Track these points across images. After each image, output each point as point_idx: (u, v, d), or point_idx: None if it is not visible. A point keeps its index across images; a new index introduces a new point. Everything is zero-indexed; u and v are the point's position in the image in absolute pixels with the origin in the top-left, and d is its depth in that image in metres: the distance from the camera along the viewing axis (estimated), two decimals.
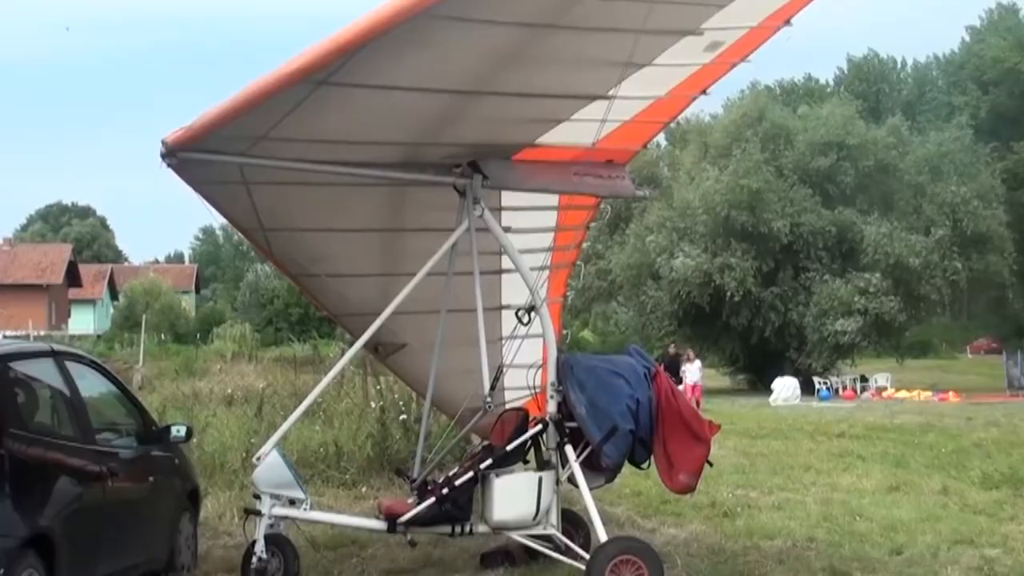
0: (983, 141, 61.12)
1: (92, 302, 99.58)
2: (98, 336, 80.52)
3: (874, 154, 54.02)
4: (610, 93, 9.90)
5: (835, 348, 50.81)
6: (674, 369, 36.01)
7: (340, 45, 7.81)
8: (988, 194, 54.07)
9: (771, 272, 51.63)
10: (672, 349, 42.46)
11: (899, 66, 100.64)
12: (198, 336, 74.54)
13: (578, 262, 14.81)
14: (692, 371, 39.11)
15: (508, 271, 11.95)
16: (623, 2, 8.35)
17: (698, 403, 34.04)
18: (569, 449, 10.38)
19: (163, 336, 76.60)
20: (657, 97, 10.62)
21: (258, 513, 10.11)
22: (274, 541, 10.11)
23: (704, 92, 10.87)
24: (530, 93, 9.89)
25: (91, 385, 9.55)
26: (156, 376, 37.95)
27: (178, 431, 10.25)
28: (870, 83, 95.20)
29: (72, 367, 9.02)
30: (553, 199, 12.12)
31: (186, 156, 8.91)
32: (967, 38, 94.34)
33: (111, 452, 9.04)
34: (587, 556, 9.99)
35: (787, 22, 9.49)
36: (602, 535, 9.98)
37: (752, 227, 50.14)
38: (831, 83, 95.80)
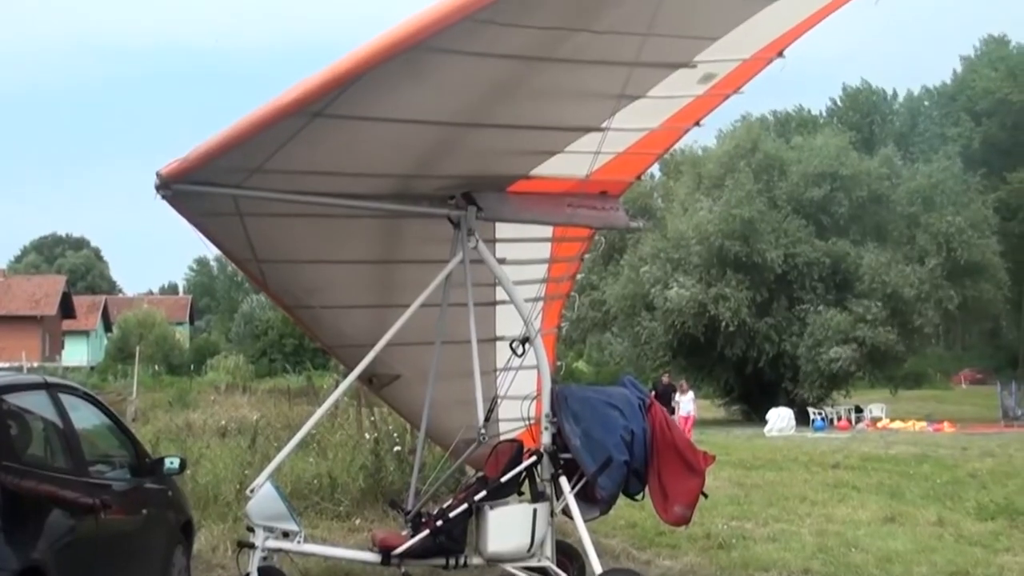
0: (976, 171, 61.32)
1: (86, 333, 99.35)
2: (92, 368, 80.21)
3: (867, 185, 54.22)
4: (604, 125, 9.93)
5: (829, 377, 50.80)
6: (666, 399, 35.86)
7: (335, 77, 7.83)
8: (981, 224, 54.24)
9: (765, 302, 51.67)
10: (665, 379, 42.43)
11: (891, 97, 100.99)
12: (192, 367, 74.40)
13: (573, 293, 14.81)
14: (685, 402, 39.03)
15: (502, 302, 11.95)
16: (616, 35, 8.38)
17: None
18: (564, 480, 10.36)
19: (157, 367, 76.44)
20: (651, 129, 10.66)
21: (251, 546, 10.07)
22: (268, 574, 10.06)
23: (697, 124, 10.92)
24: (524, 125, 9.92)
25: (84, 417, 9.51)
26: (150, 408, 37.86)
27: (171, 463, 10.20)
28: (863, 114, 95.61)
29: (65, 399, 8.97)
30: (547, 231, 12.15)
31: (181, 188, 8.92)
32: (959, 69, 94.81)
33: (104, 484, 8.99)
34: None
35: (780, 54, 9.56)
36: (597, 567, 9.96)
37: (746, 257, 50.22)
38: (824, 114, 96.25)
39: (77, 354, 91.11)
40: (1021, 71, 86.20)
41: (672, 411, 35.25)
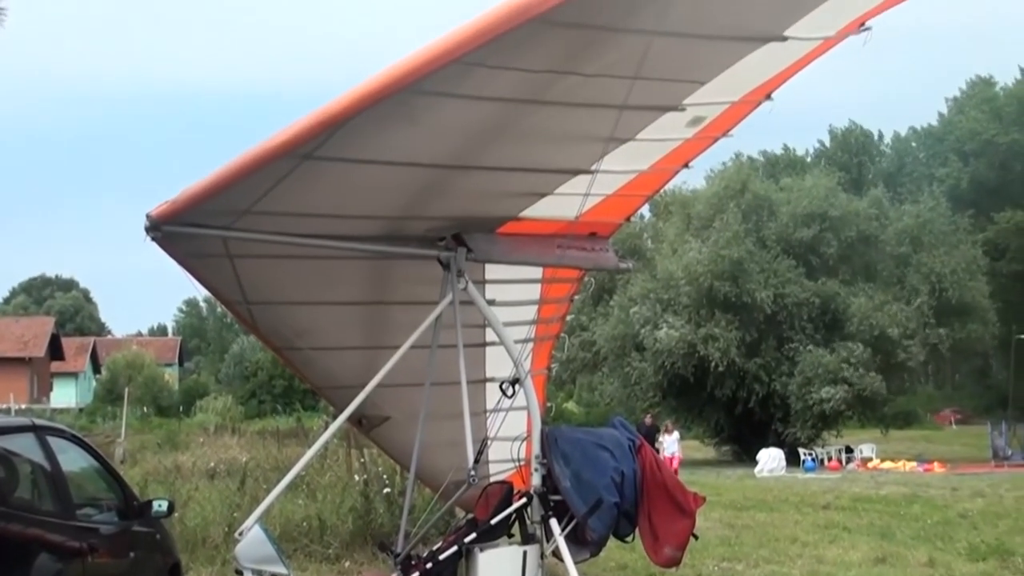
0: (964, 211, 61.63)
1: (74, 375, 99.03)
2: (80, 409, 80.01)
3: (856, 225, 54.39)
4: (593, 167, 9.96)
5: (819, 417, 50.78)
6: (650, 441, 35.72)
7: (326, 119, 7.86)
8: (971, 264, 54.46)
9: (755, 343, 51.71)
10: (648, 420, 42.40)
11: (879, 138, 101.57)
12: (181, 409, 74.23)
13: (562, 334, 14.82)
14: (670, 443, 39.01)
15: (492, 344, 11.95)
16: (606, 78, 8.43)
17: None
18: (554, 522, 10.32)
19: (145, 409, 76.15)
20: (640, 171, 10.71)
21: None
22: None
23: (687, 166, 10.98)
24: (514, 167, 9.96)
25: (72, 460, 9.49)
26: (138, 449, 37.77)
27: (159, 506, 10.18)
28: (852, 155, 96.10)
29: (53, 442, 8.97)
30: (537, 272, 12.17)
31: (170, 230, 8.94)
32: (946, 111, 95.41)
33: (92, 528, 8.97)
34: None
35: (768, 97, 9.64)
36: None
37: (736, 298, 50.30)
38: (812, 154, 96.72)
39: (65, 396, 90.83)
40: (1007, 112, 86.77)
41: (656, 452, 35.16)
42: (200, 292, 10.88)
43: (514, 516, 10.62)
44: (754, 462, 43.83)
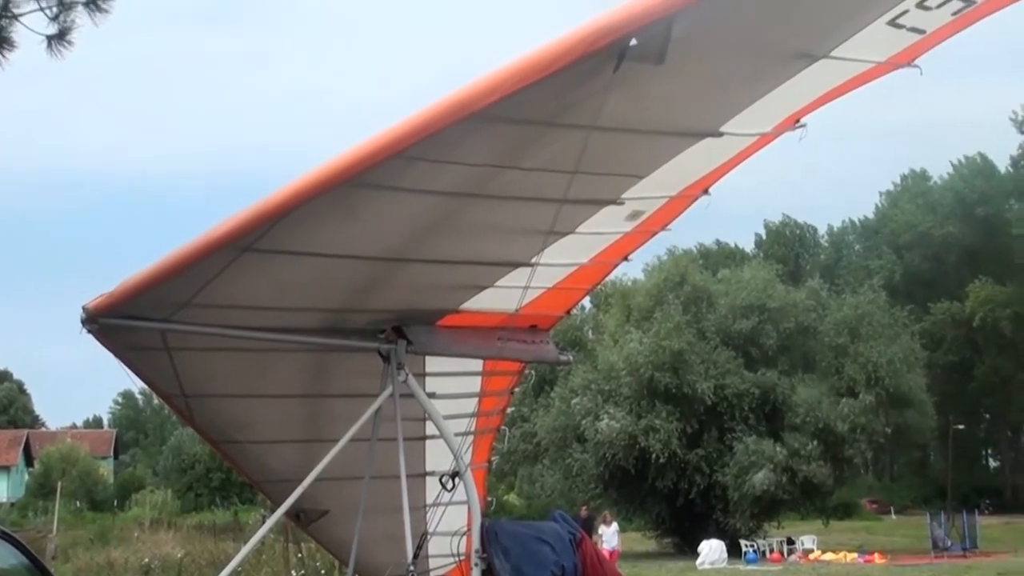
0: (900, 302, 62.53)
1: (7, 469, 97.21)
2: (12, 504, 78.44)
3: (794, 316, 55.00)
4: (533, 260, 9.99)
5: (759, 505, 50.83)
6: (587, 533, 35.57)
7: (265, 212, 7.86)
8: (909, 356, 55.12)
9: (696, 434, 51.85)
10: (584, 512, 42.24)
11: (816, 231, 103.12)
12: (115, 503, 73.00)
13: (503, 426, 14.77)
14: (608, 535, 38.79)
15: (432, 437, 11.88)
16: (545, 173, 8.50)
17: None
18: None
19: (79, 503, 74.86)
20: (580, 264, 10.76)
21: None
22: None
23: (626, 259, 11.06)
24: (454, 260, 9.98)
25: (1, 557, 9.28)
26: (70, 545, 37.03)
27: None
28: (788, 247, 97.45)
29: None
30: (477, 364, 12.14)
31: (107, 322, 8.86)
32: (881, 203, 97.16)
33: None
34: None
35: (705, 191, 9.76)
36: None
37: (676, 389, 50.51)
38: (751, 247, 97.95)
39: None
40: (941, 205, 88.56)
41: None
42: (136, 384, 10.75)
43: None
44: (696, 554, 43.73)
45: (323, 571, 17.49)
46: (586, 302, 56.15)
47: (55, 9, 14.67)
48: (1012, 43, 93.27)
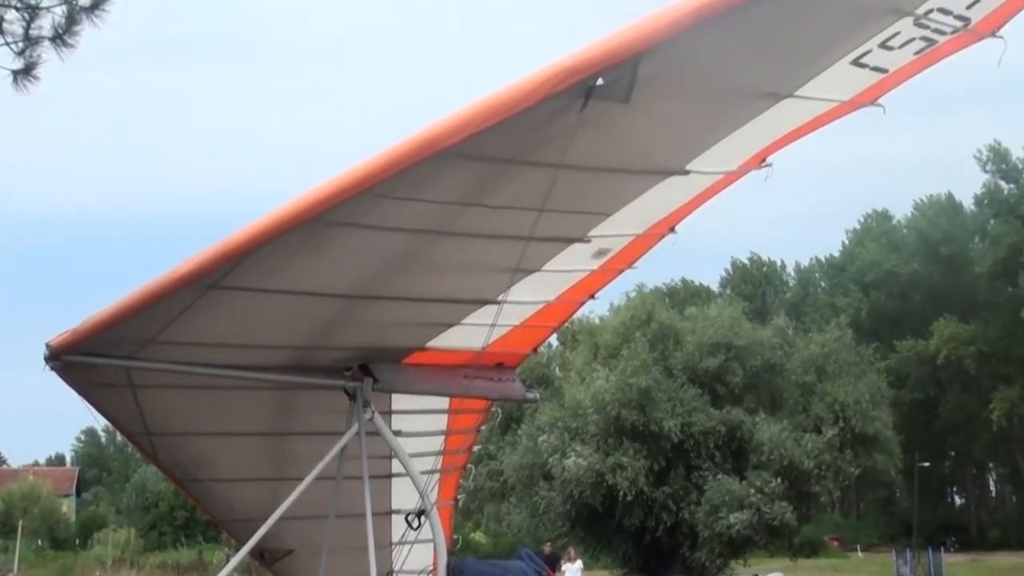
0: (866, 340, 62.88)
1: None
2: None
3: (761, 354, 55.18)
4: (500, 298, 9.99)
5: (727, 544, 50.84)
6: (551, 569, 35.47)
7: (231, 249, 7.83)
8: (875, 394, 55.39)
9: (663, 471, 51.84)
10: (548, 548, 42.11)
11: (782, 268, 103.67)
12: (77, 542, 72.28)
13: (469, 464, 14.74)
14: (572, 571, 38.65)
15: (398, 475, 11.84)
16: (512, 210, 8.52)
17: None
18: None
19: (40, 542, 74.05)
20: (546, 302, 10.78)
21: None
22: None
23: (592, 297, 11.08)
24: (420, 298, 9.97)
25: None
26: None
27: None
28: (755, 285, 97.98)
29: None
30: (444, 402, 12.12)
31: (71, 359, 8.80)
32: (847, 241, 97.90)
33: None
34: None
35: (671, 229, 9.81)
36: None
37: (643, 426, 50.54)
38: (717, 284, 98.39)
39: None
40: (904, 244, 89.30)
41: None
42: (100, 421, 10.67)
43: None
44: None
45: None
46: (553, 339, 56.25)
47: (21, 44, 14.62)
48: (978, 82, 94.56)
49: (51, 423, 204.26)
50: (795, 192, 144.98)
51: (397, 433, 11.08)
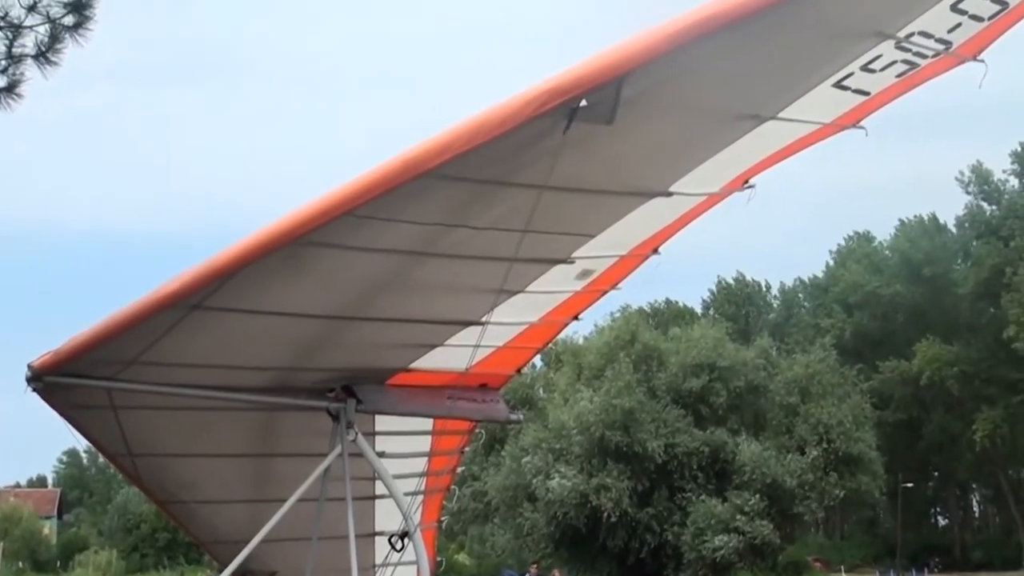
0: (849, 361, 62.96)
1: None
2: None
3: (744, 375, 55.29)
4: (484, 319, 10.00)
5: (711, 565, 50.82)
6: None
7: (214, 270, 7.83)
8: (859, 415, 55.50)
9: (647, 492, 51.83)
10: (534, 570, 42.02)
11: (766, 289, 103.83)
12: (59, 563, 71.85)
13: (453, 485, 14.70)
14: None
15: (382, 496, 11.80)
16: (496, 231, 8.52)
17: None
18: None
19: (21, 564, 73.58)
20: (530, 323, 10.77)
21: None
22: None
23: (576, 318, 11.08)
24: (404, 319, 9.96)
25: None
26: None
27: None
28: (739, 305, 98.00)
29: None
30: (427, 423, 12.09)
31: (53, 380, 8.76)
32: (831, 263, 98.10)
33: None
34: None
35: (655, 251, 9.83)
36: None
37: (627, 447, 50.54)
38: (701, 305, 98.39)
39: None
40: (886, 266, 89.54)
41: None
42: (82, 442, 10.65)
43: None
44: None
45: None
46: (537, 360, 56.25)
47: (4, 62, 14.58)
48: (960, 105, 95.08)
49: (32, 444, 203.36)
50: (780, 213, 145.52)
51: (380, 454, 11.06)
